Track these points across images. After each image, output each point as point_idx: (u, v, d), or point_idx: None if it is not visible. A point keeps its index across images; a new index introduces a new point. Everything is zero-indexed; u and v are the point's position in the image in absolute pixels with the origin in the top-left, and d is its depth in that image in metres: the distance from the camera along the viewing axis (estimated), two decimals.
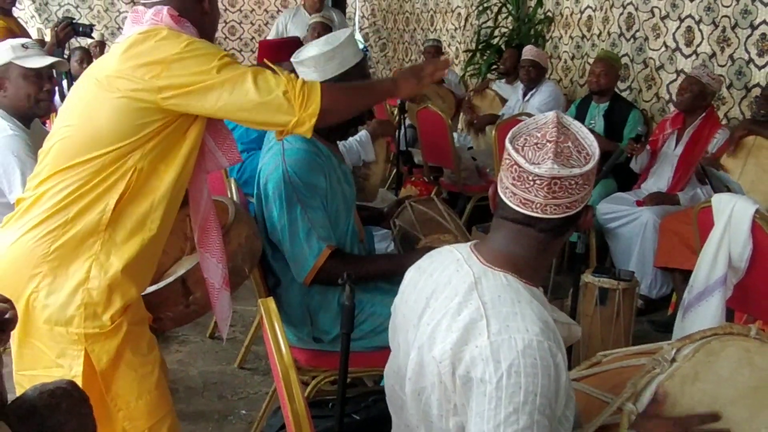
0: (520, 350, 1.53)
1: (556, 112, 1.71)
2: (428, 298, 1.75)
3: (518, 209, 1.65)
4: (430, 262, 1.86)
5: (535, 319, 1.58)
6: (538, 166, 1.59)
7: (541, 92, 6.37)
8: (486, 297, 1.63)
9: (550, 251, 1.75)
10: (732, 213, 3.07)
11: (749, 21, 5.36)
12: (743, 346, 1.78)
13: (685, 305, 3.23)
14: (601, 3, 6.92)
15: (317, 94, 2.20)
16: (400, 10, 11.28)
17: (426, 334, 1.69)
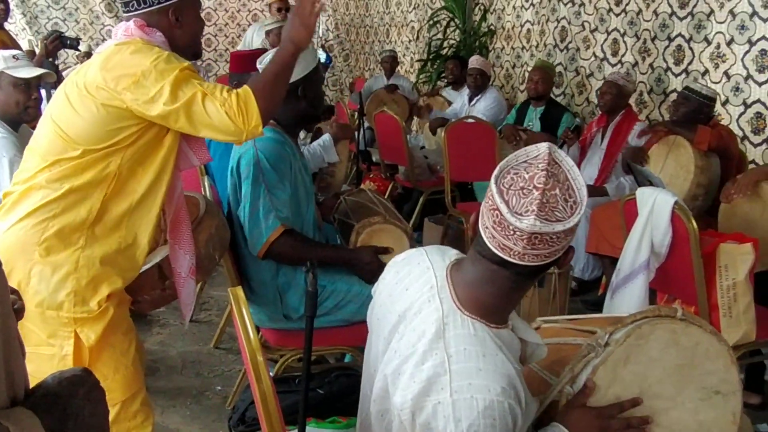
0: (480, 411, 1.41)
1: (549, 146, 1.46)
2: (400, 316, 1.60)
3: (496, 252, 1.46)
4: (408, 272, 1.67)
5: (497, 377, 1.44)
6: (520, 220, 1.40)
7: (485, 98, 6.35)
8: (452, 349, 1.47)
9: (522, 291, 1.58)
10: (654, 204, 3.06)
11: (666, 34, 5.40)
12: (670, 327, 1.72)
13: (614, 287, 3.23)
14: (538, 17, 6.92)
15: (253, 104, 2.14)
16: (361, 24, 11.20)
17: (393, 365, 1.55)
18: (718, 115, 4.86)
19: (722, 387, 1.76)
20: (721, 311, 2.97)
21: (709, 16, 5.03)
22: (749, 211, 3.66)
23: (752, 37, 4.73)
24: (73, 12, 11.07)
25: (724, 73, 4.96)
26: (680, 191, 4.09)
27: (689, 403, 1.74)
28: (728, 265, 2.95)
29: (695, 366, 1.73)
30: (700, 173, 4.09)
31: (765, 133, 4.70)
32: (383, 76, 8.21)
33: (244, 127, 2.13)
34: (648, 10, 5.55)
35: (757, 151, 4.72)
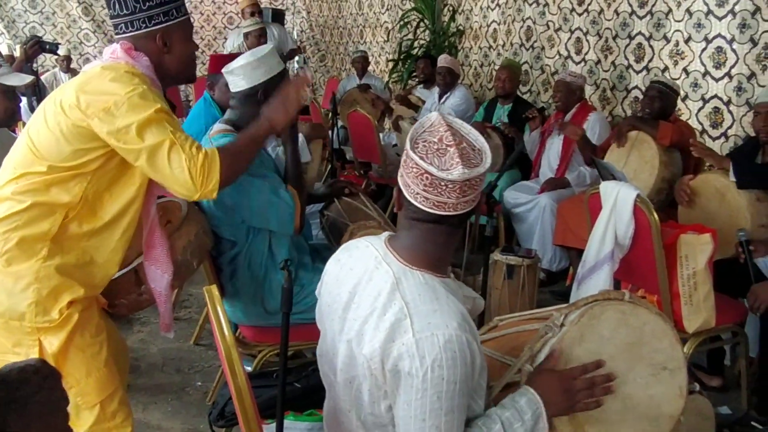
0: (441, 345, 1.51)
1: (439, 112, 1.67)
2: (351, 292, 1.69)
3: (432, 211, 1.60)
4: (348, 255, 1.79)
5: (453, 314, 1.56)
6: (450, 173, 1.54)
7: (454, 96, 6.37)
8: (408, 297, 1.58)
9: (455, 240, 1.71)
10: (617, 198, 3.10)
11: (627, 32, 5.45)
12: (619, 309, 1.82)
13: (579, 278, 3.26)
14: (504, 17, 6.95)
15: (217, 168, 2.11)
16: (335, 25, 11.17)
17: (354, 330, 1.64)
18: (679, 111, 4.90)
19: (669, 363, 1.85)
20: (683, 299, 3.02)
21: (668, 14, 5.09)
22: (707, 203, 3.71)
23: (708, 34, 4.79)
24: (50, 16, 10.95)
25: (683, 70, 5.01)
26: (646, 186, 4.15)
27: (640, 378, 1.83)
28: (688, 255, 3.00)
29: (644, 344, 1.83)
30: (664, 168, 4.16)
31: (722, 127, 4.76)
32: (356, 76, 8.22)
33: (200, 188, 2.10)
34: (609, 10, 5.61)
35: (716, 145, 4.78)
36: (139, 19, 2.18)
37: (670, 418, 1.86)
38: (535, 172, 5.40)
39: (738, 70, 4.61)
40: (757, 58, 4.49)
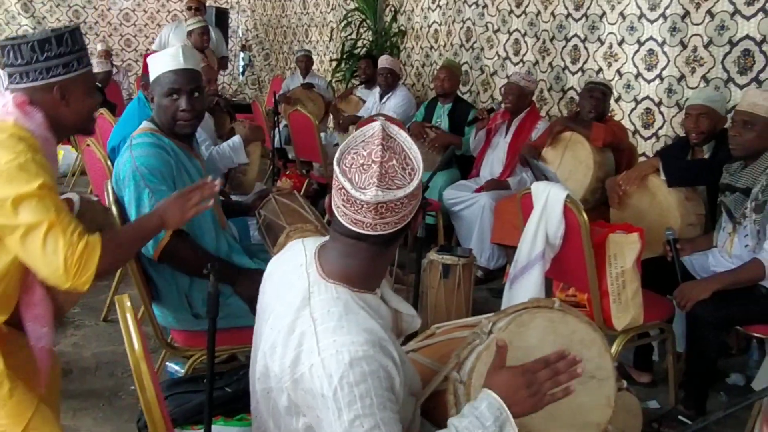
0: (347, 363, 1.42)
1: (382, 123, 1.51)
2: (277, 297, 1.62)
3: (350, 227, 1.50)
4: (287, 256, 1.71)
5: (360, 330, 1.47)
6: (363, 193, 1.44)
7: (396, 96, 6.33)
8: (316, 313, 1.50)
9: (385, 258, 1.62)
10: (547, 198, 3.09)
11: (564, 34, 5.49)
12: (548, 317, 1.77)
13: (512, 277, 3.26)
14: (445, 18, 6.95)
15: (95, 260, 1.91)
16: (279, 24, 11.07)
17: (270, 342, 1.57)
18: (612, 111, 4.96)
19: (597, 372, 1.81)
20: (611, 297, 3.02)
21: (602, 17, 5.14)
22: (638, 203, 3.75)
23: (641, 37, 4.85)
24: None
25: (617, 72, 5.07)
26: (581, 186, 4.17)
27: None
28: (617, 254, 3.01)
29: (572, 352, 1.76)
30: (598, 168, 4.18)
31: (654, 128, 4.83)
32: (299, 75, 8.13)
33: (72, 279, 1.90)
34: (546, 12, 5.64)
35: (647, 145, 4.85)
36: (36, 70, 2.01)
37: (597, 426, 1.83)
38: (476, 170, 5.38)
39: (669, 72, 4.68)
40: (686, 61, 4.56)
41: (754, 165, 3.12)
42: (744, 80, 4.22)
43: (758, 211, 3.05)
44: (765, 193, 3.04)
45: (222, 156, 4.07)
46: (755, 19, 4.12)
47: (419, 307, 3.89)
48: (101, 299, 4.34)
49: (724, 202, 3.27)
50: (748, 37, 4.17)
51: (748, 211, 3.10)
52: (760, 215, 3.05)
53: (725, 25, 4.28)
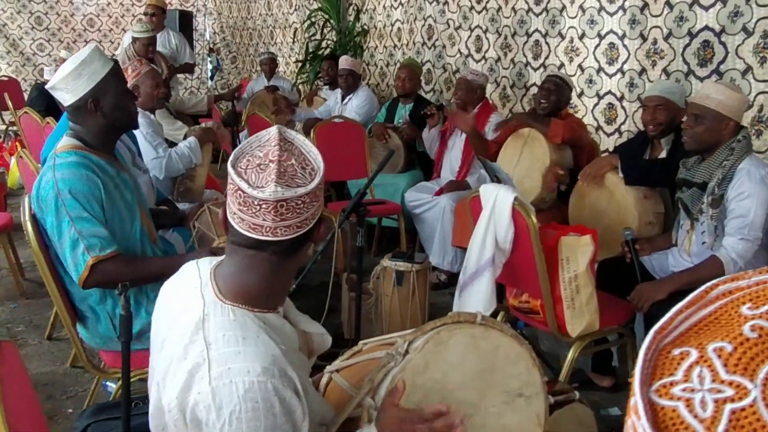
0: (240, 395, 1.31)
1: (278, 126, 1.44)
2: (170, 323, 1.49)
3: (248, 234, 1.40)
4: (180, 279, 1.58)
5: (258, 358, 1.35)
6: (262, 190, 1.34)
7: (357, 96, 6.20)
8: (211, 337, 1.38)
9: (286, 272, 1.51)
10: (495, 201, 2.97)
11: (525, 30, 5.37)
12: (469, 332, 1.65)
13: (461, 285, 3.13)
14: (407, 16, 6.82)
15: None
16: (245, 27, 10.91)
17: (161, 373, 1.44)
18: (575, 107, 4.83)
19: (525, 390, 1.71)
20: (565, 303, 2.90)
21: (562, 11, 5.02)
22: (596, 201, 3.63)
23: (601, 31, 4.73)
24: None
25: (578, 66, 4.95)
26: (538, 184, 4.06)
27: (492, 407, 1.68)
28: (569, 258, 2.88)
29: (497, 370, 1.68)
30: (555, 166, 4.04)
31: (616, 123, 4.72)
32: (264, 78, 7.97)
33: None
34: (507, 7, 5.52)
35: (610, 140, 4.74)
36: None
37: None
38: (437, 173, 5.26)
39: (630, 65, 4.56)
40: (647, 54, 4.44)
41: (711, 159, 3.00)
42: (704, 72, 4.11)
43: (715, 206, 2.93)
44: (721, 187, 2.93)
45: (182, 156, 3.96)
46: (713, 9, 4.00)
47: (375, 315, 3.76)
48: (46, 316, 4.17)
49: (681, 198, 3.15)
50: (707, 28, 4.05)
51: (704, 206, 2.98)
52: (716, 210, 2.93)
53: (684, 17, 4.17)
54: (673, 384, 0.51)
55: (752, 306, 0.54)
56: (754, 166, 2.90)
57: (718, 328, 0.54)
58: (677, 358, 0.53)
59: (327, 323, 3.44)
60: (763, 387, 0.48)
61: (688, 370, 0.51)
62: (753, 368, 0.49)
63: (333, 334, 3.88)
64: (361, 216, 2.73)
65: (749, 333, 0.51)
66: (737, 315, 0.54)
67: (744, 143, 2.95)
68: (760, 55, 3.80)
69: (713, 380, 0.50)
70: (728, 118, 2.93)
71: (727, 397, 0.48)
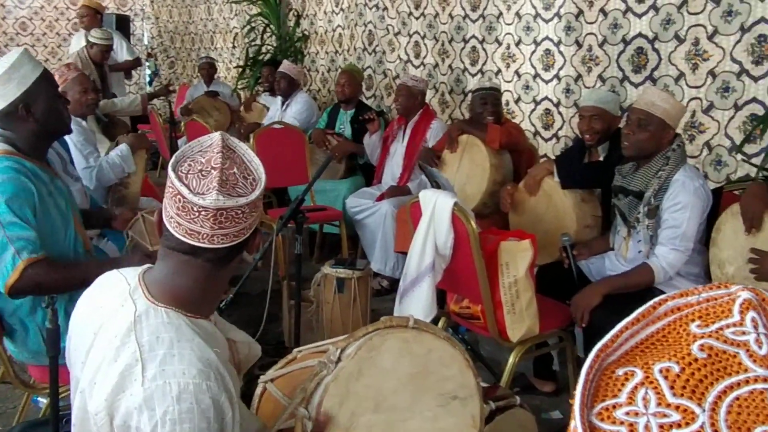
0: (175, 396, 1.27)
1: (222, 133, 1.42)
2: (95, 333, 1.42)
3: (184, 239, 1.37)
4: (100, 290, 1.52)
5: (194, 360, 1.31)
6: (203, 197, 1.32)
7: (296, 102, 6.12)
8: (144, 339, 1.34)
9: (219, 280, 1.47)
10: (435, 206, 2.95)
11: (462, 36, 5.39)
12: (402, 337, 1.63)
13: (401, 291, 3.10)
14: (347, 22, 6.79)
15: None
16: (186, 31, 10.72)
17: (88, 380, 1.38)
18: (513, 113, 4.86)
19: (459, 392, 1.71)
20: (505, 308, 2.90)
21: (498, 18, 5.05)
22: (535, 206, 3.64)
23: (537, 37, 4.77)
24: None
25: (515, 72, 4.99)
26: (478, 190, 4.06)
27: (427, 411, 1.67)
28: (509, 263, 2.88)
29: (430, 373, 1.67)
30: (495, 171, 4.08)
31: (554, 129, 4.76)
32: (203, 83, 7.84)
33: None
34: (444, 13, 5.53)
35: (548, 146, 4.78)
36: None
37: None
38: (377, 179, 5.23)
39: (566, 71, 4.62)
40: (582, 60, 4.50)
41: (647, 167, 3.01)
42: (639, 78, 4.18)
43: (651, 216, 2.96)
44: (657, 198, 2.95)
45: (113, 165, 3.84)
46: (647, 16, 4.08)
47: (316, 323, 3.70)
48: None
49: (617, 205, 3.17)
50: (641, 35, 4.12)
51: (641, 216, 3.00)
52: (652, 221, 2.95)
53: (618, 24, 4.23)
54: (616, 407, 0.48)
55: (701, 324, 0.51)
56: (688, 177, 2.92)
57: (665, 347, 0.51)
58: (621, 379, 0.49)
59: (268, 331, 3.42)
60: (711, 412, 0.45)
61: (633, 392, 0.48)
62: (701, 391, 0.46)
63: (274, 343, 3.81)
64: (299, 223, 2.68)
65: (698, 353, 0.48)
66: (686, 333, 0.51)
67: (679, 152, 2.97)
68: (692, 61, 3.88)
69: (659, 404, 0.46)
70: (669, 126, 2.95)
71: (673, 422, 0.45)
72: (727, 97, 3.77)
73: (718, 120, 3.83)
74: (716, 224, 2.99)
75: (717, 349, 0.48)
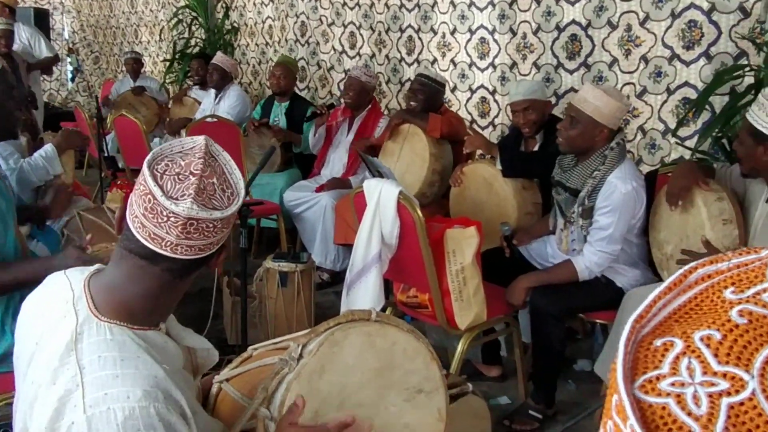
0: (120, 423, 1.17)
1: (206, 138, 1.33)
2: (36, 343, 1.32)
3: (145, 243, 1.27)
4: (45, 294, 1.41)
5: (138, 380, 1.22)
6: (176, 203, 1.23)
7: (228, 96, 6.01)
8: (85, 359, 1.24)
9: (174, 293, 1.38)
10: (380, 196, 2.93)
11: (398, 25, 5.38)
12: (365, 330, 1.58)
13: (348, 283, 3.07)
14: (278, 13, 6.70)
15: None
16: (108, 25, 10.40)
17: (27, 401, 1.28)
18: (449, 102, 4.88)
19: (425, 385, 1.66)
20: (453, 296, 2.90)
21: (434, 7, 5.07)
22: (476, 194, 3.67)
23: (472, 26, 4.80)
24: None
25: (451, 61, 5.01)
26: (418, 179, 4.06)
27: (393, 406, 1.62)
28: (456, 250, 2.89)
29: (395, 367, 1.62)
30: (435, 160, 4.08)
31: (490, 117, 4.80)
32: (129, 79, 7.64)
33: None
34: (380, 3, 5.52)
35: (485, 134, 4.80)
36: None
37: None
38: (317, 169, 5.17)
39: (501, 59, 4.65)
40: (517, 48, 4.54)
41: (584, 165, 2.99)
42: (573, 65, 4.24)
43: (585, 216, 2.99)
44: (591, 199, 2.96)
45: (35, 168, 3.62)
46: (579, 4, 4.14)
47: (259, 319, 3.65)
48: None
49: (556, 198, 3.20)
50: (574, 22, 4.18)
51: (575, 216, 3.02)
52: (587, 221, 2.99)
53: (552, 11, 4.29)
54: (659, 378, 0.46)
55: (736, 290, 0.50)
56: (622, 179, 2.90)
57: (701, 315, 0.50)
58: (660, 350, 0.48)
59: (209, 329, 3.34)
60: (760, 378, 0.44)
61: (675, 362, 0.46)
62: (747, 357, 0.45)
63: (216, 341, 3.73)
64: (243, 216, 2.62)
65: (737, 319, 0.47)
66: (720, 300, 0.50)
67: (617, 151, 2.94)
68: (625, 47, 3.96)
69: (704, 372, 0.45)
70: (602, 125, 2.92)
71: (723, 391, 0.44)
72: (659, 81, 3.86)
73: (651, 104, 3.92)
74: (652, 208, 3.06)
75: (757, 314, 0.47)
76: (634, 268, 3.12)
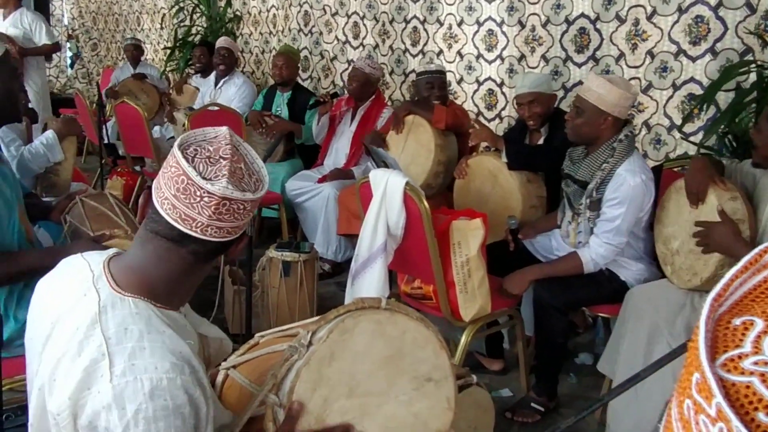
0: (147, 393, 1.19)
1: (228, 128, 1.36)
2: (53, 323, 1.33)
3: (176, 225, 1.29)
4: (61, 276, 1.42)
5: (165, 353, 1.24)
6: (212, 183, 1.26)
7: (233, 84, 6.00)
8: (110, 331, 1.24)
9: (196, 276, 1.40)
10: (386, 186, 2.93)
11: (403, 16, 5.38)
12: (375, 318, 1.57)
13: (353, 273, 3.07)
14: (282, 2, 6.69)
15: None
16: (109, 12, 10.39)
17: (46, 376, 1.28)
18: (454, 94, 4.88)
19: (434, 374, 1.65)
20: (458, 288, 2.91)
21: None
22: (481, 186, 3.67)
23: (480, 17, 4.79)
24: None
25: (458, 53, 5.00)
26: (423, 170, 4.06)
27: (402, 395, 1.61)
28: (461, 242, 2.89)
29: (405, 355, 1.61)
30: (440, 151, 4.08)
31: (497, 109, 4.79)
32: (129, 66, 7.62)
33: None
34: None
35: (491, 126, 4.79)
36: None
37: None
38: (321, 159, 5.17)
39: (509, 52, 4.65)
40: (525, 40, 4.54)
41: (593, 156, 3.01)
42: (582, 58, 4.24)
43: (593, 208, 3.00)
44: (599, 191, 2.97)
45: (35, 155, 3.64)
46: None
47: (261, 308, 3.66)
48: None
49: (565, 190, 3.20)
50: (583, 15, 4.18)
51: (583, 208, 3.03)
52: (594, 213, 3.00)
53: (561, 4, 4.28)
54: (741, 357, 0.46)
55: None
56: (631, 172, 2.91)
57: None
58: (740, 329, 0.48)
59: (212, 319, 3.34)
60: None
61: (757, 341, 0.46)
62: None
63: None
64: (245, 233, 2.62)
65: None
66: None
67: (626, 143, 2.95)
68: (632, 42, 3.96)
69: None
70: (606, 113, 2.92)
71: None
72: (665, 77, 3.86)
73: (656, 99, 3.93)
74: (660, 202, 3.06)
75: None
76: (638, 262, 3.13)
